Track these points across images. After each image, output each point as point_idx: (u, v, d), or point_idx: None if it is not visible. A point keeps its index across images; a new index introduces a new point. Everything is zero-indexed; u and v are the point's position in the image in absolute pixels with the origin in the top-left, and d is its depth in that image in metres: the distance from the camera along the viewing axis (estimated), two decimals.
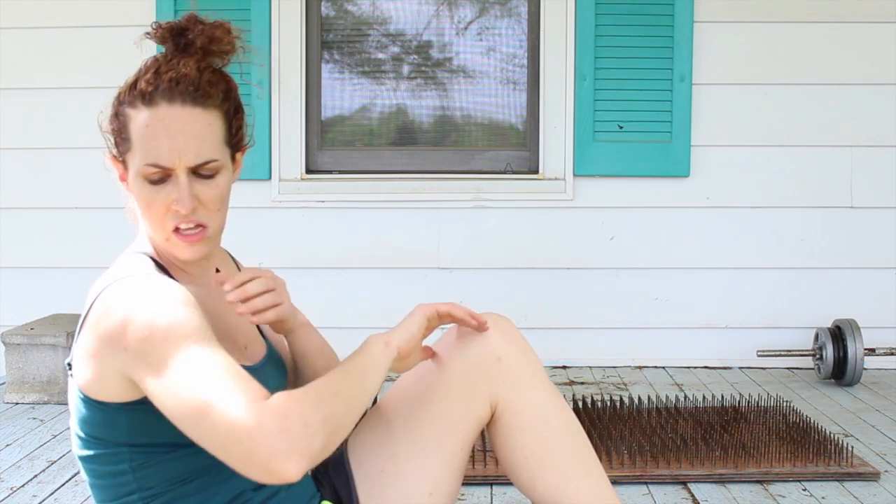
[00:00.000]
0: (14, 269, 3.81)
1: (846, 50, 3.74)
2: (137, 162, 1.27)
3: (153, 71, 1.27)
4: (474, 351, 1.43)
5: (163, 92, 1.25)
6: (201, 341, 1.13)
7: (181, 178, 1.25)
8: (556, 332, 3.80)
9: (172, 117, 1.24)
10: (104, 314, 1.18)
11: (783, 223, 3.78)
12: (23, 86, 3.77)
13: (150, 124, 1.25)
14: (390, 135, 3.96)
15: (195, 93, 1.26)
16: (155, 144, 1.24)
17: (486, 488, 2.35)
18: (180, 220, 1.27)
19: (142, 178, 1.27)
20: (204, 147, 1.26)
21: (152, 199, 1.27)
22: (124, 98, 1.29)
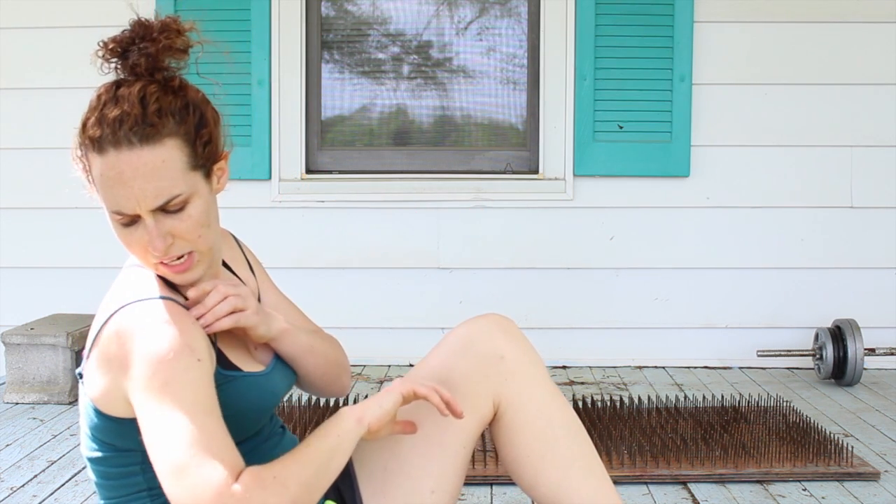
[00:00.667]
0: (14, 269, 3.81)
1: (846, 50, 3.74)
2: (105, 207, 1.26)
3: (98, 112, 1.21)
4: (478, 350, 1.44)
5: (108, 138, 1.19)
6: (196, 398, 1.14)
7: (147, 222, 1.22)
8: (556, 332, 3.80)
9: (123, 164, 1.19)
10: (114, 341, 1.19)
11: (783, 223, 3.78)
12: (23, 86, 3.77)
13: (104, 173, 1.21)
14: (390, 135, 3.96)
15: (142, 131, 1.19)
16: (113, 193, 1.21)
17: (486, 488, 2.35)
18: (161, 257, 1.24)
19: (113, 221, 1.26)
20: (162, 187, 1.20)
21: (129, 241, 1.26)
22: (83, 140, 1.25)
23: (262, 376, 1.35)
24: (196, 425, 1.11)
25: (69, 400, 3.22)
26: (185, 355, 1.16)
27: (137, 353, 1.16)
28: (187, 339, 1.17)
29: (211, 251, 1.28)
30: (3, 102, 3.77)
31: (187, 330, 1.19)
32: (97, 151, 1.21)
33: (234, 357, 1.33)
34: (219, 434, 1.13)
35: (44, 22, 3.75)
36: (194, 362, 1.17)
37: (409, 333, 3.80)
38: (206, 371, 1.18)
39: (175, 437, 1.11)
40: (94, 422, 1.27)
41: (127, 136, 1.19)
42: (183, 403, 1.12)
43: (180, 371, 1.14)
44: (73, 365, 3.25)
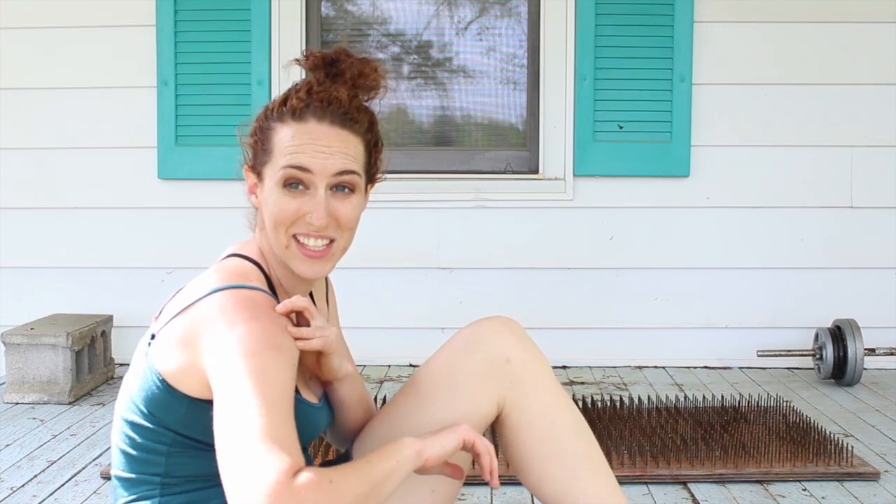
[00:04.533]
0: (14, 269, 3.81)
1: (846, 50, 3.74)
2: (277, 168, 1.29)
3: (305, 90, 1.31)
4: (484, 351, 1.44)
5: (314, 110, 1.29)
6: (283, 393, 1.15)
7: (320, 191, 1.29)
8: (556, 332, 3.80)
9: (320, 133, 1.28)
10: (211, 319, 1.20)
11: (783, 223, 3.78)
12: (23, 86, 3.77)
13: (297, 135, 1.28)
14: (390, 135, 3.96)
15: (344, 115, 1.30)
16: (299, 150, 1.28)
17: (486, 488, 2.35)
18: (309, 231, 1.30)
19: (280, 184, 1.29)
20: (348, 159, 1.30)
21: (285, 206, 1.29)
22: (272, 113, 1.32)
23: (315, 408, 1.37)
24: (273, 418, 1.11)
25: (69, 400, 3.22)
26: (285, 353, 1.18)
27: (241, 331, 1.16)
28: (290, 343, 1.22)
29: (339, 256, 1.37)
30: (3, 102, 3.77)
31: (285, 332, 1.22)
32: (296, 119, 1.29)
33: (299, 381, 1.34)
34: (290, 431, 1.13)
35: (44, 22, 3.75)
36: (289, 363, 1.19)
37: (409, 333, 3.80)
38: (294, 375, 1.20)
39: (252, 423, 1.10)
40: (149, 386, 1.27)
41: (332, 114, 1.30)
42: (269, 396, 1.12)
43: (279, 366, 1.16)
44: (73, 365, 3.24)
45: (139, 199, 3.78)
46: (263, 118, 1.34)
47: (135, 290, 3.71)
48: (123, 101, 3.76)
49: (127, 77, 3.76)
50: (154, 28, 3.71)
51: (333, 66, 1.34)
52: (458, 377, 1.43)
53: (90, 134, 3.77)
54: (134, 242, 3.77)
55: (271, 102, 1.35)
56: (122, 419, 1.32)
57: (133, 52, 3.74)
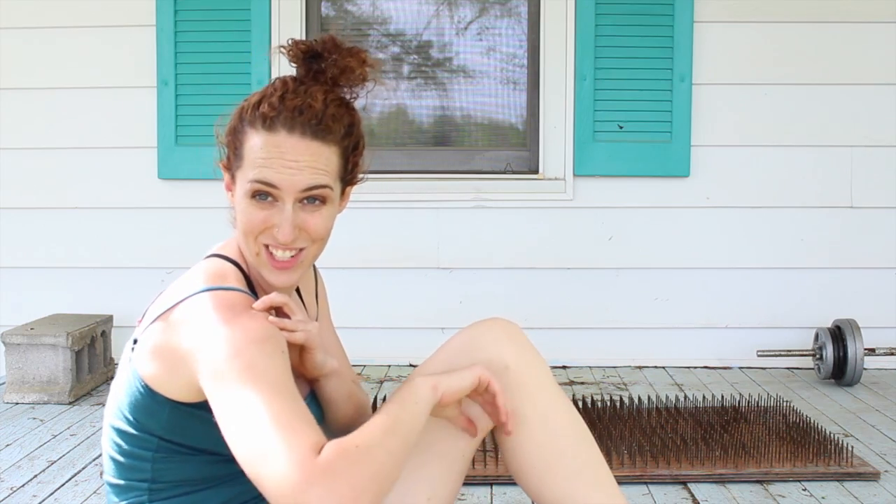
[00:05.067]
0: (14, 269, 3.81)
1: (846, 50, 3.74)
2: (245, 178, 1.26)
3: (279, 95, 1.26)
4: (482, 358, 1.40)
5: (284, 119, 1.24)
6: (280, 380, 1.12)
7: (287, 206, 1.25)
8: (556, 332, 3.80)
9: (288, 146, 1.24)
10: (191, 323, 1.18)
11: (783, 223, 3.78)
12: (23, 86, 3.77)
13: (265, 147, 1.24)
14: (390, 135, 3.96)
15: (317, 126, 1.25)
16: (267, 164, 1.24)
17: (486, 488, 2.35)
18: (277, 245, 1.27)
19: (248, 195, 1.26)
20: (318, 173, 1.26)
21: (253, 217, 1.26)
22: (246, 115, 1.28)
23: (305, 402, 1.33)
24: (278, 403, 1.09)
25: (69, 400, 3.22)
26: (273, 343, 1.16)
27: (223, 334, 1.14)
28: (273, 330, 1.18)
29: (309, 263, 1.33)
30: (3, 102, 3.77)
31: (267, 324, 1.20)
32: (266, 128, 1.25)
33: None
34: (299, 413, 1.10)
35: (44, 22, 3.75)
36: (279, 352, 1.16)
37: (409, 333, 3.80)
38: (287, 361, 1.17)
39: (255, 422, 1.08)
40: (132, 392, 1.26)
41: (302, 125, 1.24)
42: (266, 385, 1.10)
43: (266, 356, 1.13)
44: (73, 365, 3.25)
45: (139, 199, 3.78)
46: (238, 119, 1.30)
47: (135, 290, 3.70)
48: (123, 101, 3.76)
49: (127, 77, 3.76)
50: (154, 28, 3.71)
51: (315, 62, 1.29)
52: None
53: (90, 134, 3.77)
54: (134, 242, 3.77)
55: (247, 100, 1.30)
56: (110, 426, 1.31)
57: (133, 52, 3.74)
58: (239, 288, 1.24)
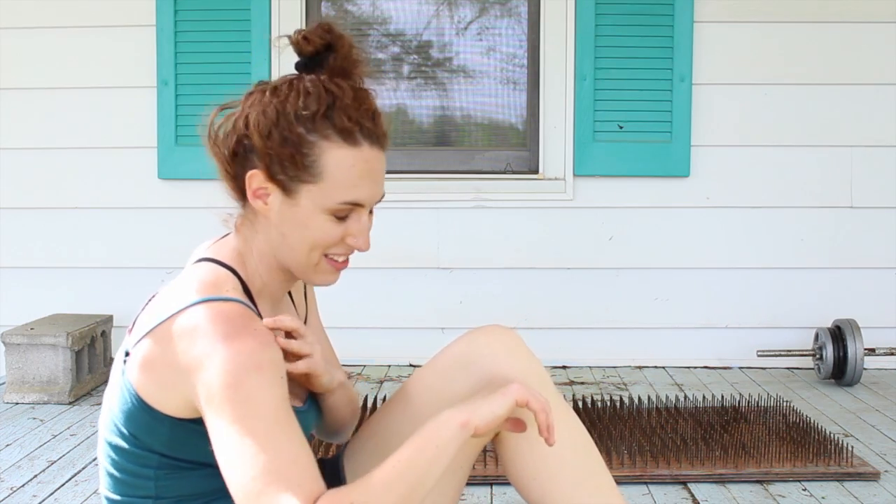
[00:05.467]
0: (14, 269, 3.81)
1: (846, 50, 3.74)
2: (328, 198, 1.21)
3: (352, 105, 1.22)
4: (480, 371, 1.37)
5: (366, 132, 1.23)
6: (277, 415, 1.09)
7: (364, 217, 1.25)
8: (556, 332, 3.80)
9: (374, 161, 1.23)
10: (187, 340, 1.13)
11: (783, 223, 3.78)
12: (23, 86, 3.77)
13: (356, 165, 1.22)
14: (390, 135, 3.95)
15: (382, 135, 1.26)
16: (359, 185, 1.22)
17: (486, 488, 2.35)
18: (345, 251, 1.27)
19: (329, 213, 1.22)
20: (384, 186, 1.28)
21: (333, 233, 1.24)
22: (308, 124, 1.20)
23: (300, 412, 1.29)
24: (274, 448, 1.06)
25: (69, 400, 3.22)
26: (271, 370, 1.10)
27: (220, 357, 1.09)
28: (274, 354, 1.13)
29: None
30: (3, 102, 3.77)
31: (273, 343, 1.14)
32: (348, 142, 1.21)
33: None
34: (297, 456, 1.07)
35: (44, 22, 3.75)
36: (278, 378, 1.11)
37: (409, 333, 3.80)
38: (284, 385, 1.13)
39: (251, 460, 1.05)
40: (128, 408, 1.20)
41: (379, 137, 1.25)
42: (261, 428, 1.07)
43: (265, 386, 1.09)
44: (73, 365, 3.25)
45: (139, 198, 3.78)
46: (290, 125, 1.20)
47: (135, 290, 3.69)
48: (123, 101, 3.76)
49: (127, 77, 3.76)
50: (154, 28, 3.71)
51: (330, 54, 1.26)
52: (451, 400, 1.35)
53: (90, 134, 3.77)
54: (134, 242, 3.77)
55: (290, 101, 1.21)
56: (106, 441, 1.26)
57: (133, 52, 3.74)
58: (236, 298, 1.18)
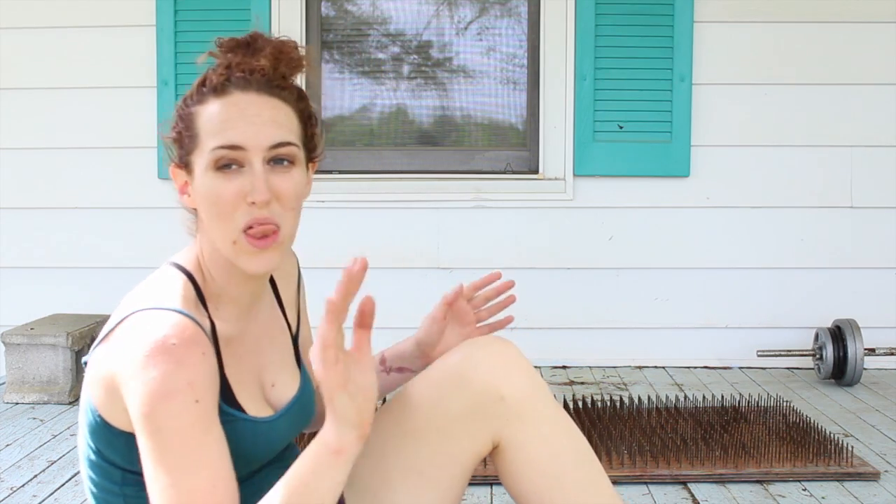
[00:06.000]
0: (14, 269, 3.81)
1: (846, 50, 3.74)
2: (206, 151, 1.15)
3: (224, 66, 1.18)
4: (474, 388, 1.33)
5: (236, 81, 1.16)
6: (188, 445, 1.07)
7: (256, 165, 1.14)
8: (556, 332, 3.80)
9: (247, 102, 1.16)
10: (119, 353, 1.11)
11: (783, 223, 3.78)
12: (23, 86, 3.77)
13: (222, 110, 1.15)
14: (390, 135, 3.96)
15: (270, 83, 1.18)
16: (227, 126, 1.15)
17: (486, 488, 2.35)
18: (254, 215, 1.15)
19: (212, 168, 1.15)
20: (282, 128, 1.17)
21: (222, 192, 1.15)
22: (191, 99, 1.19)
23: (263, 423, 1.24)
24: (183, 482, 1.05)
25: (69, 400, 3.22)
26: (182, 396, 1.07)
27: (138, 377, 1.08)
28: (190, 375, 1.08)
29: (288, 243, 1.21)
30: (3, 102, 3.77)
31: (193, 360, 1.09)
32: (217, 94, 1.16)
33: (243, 394, 1.24)
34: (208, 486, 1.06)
35: (44, 22, 3.75)
36: (190, 404, 1.07)
37: (409, 334, 3.78)
38: (204, 410, 1.09)
39: (160, 494, 1.06)
40: (90, 421, 1.20)
41: (258, 83, 1.17)
42: (172, 456, 1.06)
43: (173, 416, 1.06)
44: (73, 365, 3.25)
45: (139, 199, 3.78)
46: (183, 107, 1.20)
47: None
48: (123, 101, 3.76)
49: (127, 77, 3.75)
50: (154, 28, 3.72)
51: (250, 46, 1.21)
52: (447, 416, 1.34)
53: (90, 134, 3.77)
54: (134, 242, 3.77)
55: (188, 90, 1.22)
56: (82, 453, 1.25)
57: (133, 52, 3.74)
58: (177, 308, 1.14)
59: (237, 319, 1.26)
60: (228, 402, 1.20)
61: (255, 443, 1.23)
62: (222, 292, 1.24)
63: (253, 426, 1.23)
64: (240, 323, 1.26)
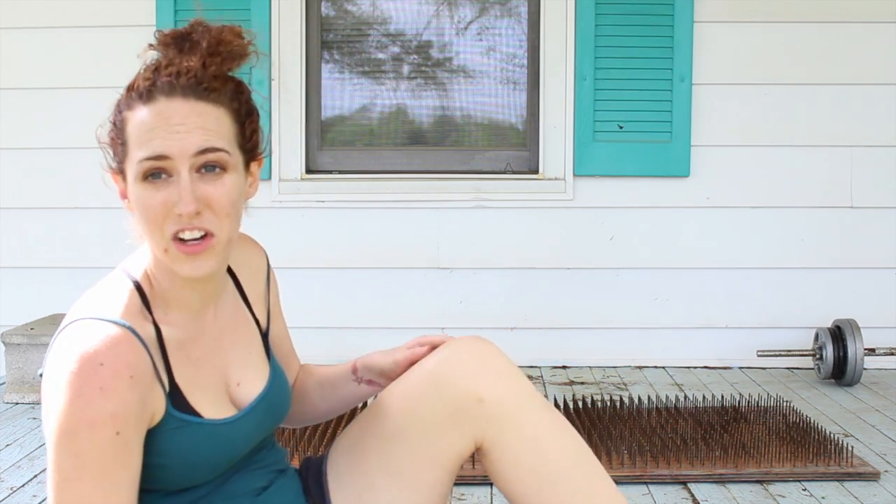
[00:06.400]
0: (14, 269, 3.81)
1: (846, 50, 3.74)
2: (134, 161, 1.14)
3: (152, 69, 1.16)
4: (451, 391, 1.31)
5: (162, 86, 1.13)
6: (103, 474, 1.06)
7: (183, 175, 1.12)
8: (556, 332, 3.80)
9: (172, 111, 1.13)
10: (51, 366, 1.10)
11: (783, 223, 3.78)
12: (23, 86, 3.77)
13: (147, 119, 1.13)
14: (390, 135, 3.96)
15: (198, 86, 1.14)
16: (153, 136, 1.12)
17: (486, 488, 2.35)
18: (182, 224, 1.13)
19: (139, 178, 1.14)
20: (210, 134, 1.14)
21: (150, 202, 1.13)
22: (122, 103, 1.18)
23: (223, 425, 1.21)
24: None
25: None
26: (103, 428, 1.05)
27: (62, 394, 1.06)
28: (113, 405, 1.05)
29: (226, 247, 1.18)
30: (4, 102, 3.77)
31: (119, 386, 1.06)
32: (144, 101, 1.14)
33: (199, 397, 1.20)
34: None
35: (44, 22, 3.75)
36: (110, 437, 1.05)
37: (409, 333, 3.76)
38: (123, 443, 1.07)
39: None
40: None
41: (183, 88, 1.14)
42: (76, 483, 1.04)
43: (91, 447, 1.05)
44: None
45: None
46: (116, 111, 1.19)
47: None
48: None
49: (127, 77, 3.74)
50: (154, 28, 3.71)
51: (186, 40, 1.18)
52: (427, 419, 1.31)
53: (90, 134, 3.75)
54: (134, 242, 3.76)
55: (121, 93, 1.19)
56: None
57: (133, 52, 3.73)
58: (118, 320, 1.13)
59: (190, 322, 1.24)
60: (180, 408, 1.17)
61: (214, 446, 1.20)
62: (170, 296, 1.22)
63: (211, 429, 1.19)
64: (193, 325, 1.24)
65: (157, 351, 1.16)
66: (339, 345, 3.75)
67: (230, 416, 1.23)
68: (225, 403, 1.25)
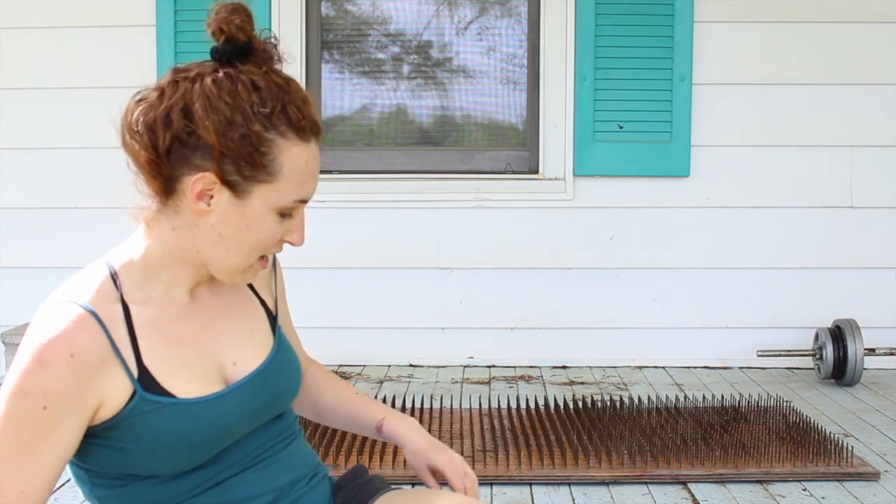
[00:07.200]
0: (14, 269, 3.81)
1: (846, 50, 3.74)
2: (282, 196, 1.17)
3: (300, 100, 1.19)
4: None
5: (312, 128, 1.19)
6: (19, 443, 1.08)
7: (303, 212, 1.23)
8: (556, 332, 3.80)
9: (316, 157, 1.21)
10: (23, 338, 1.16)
11: (783, 223, 3.78)
12: (23, 86, 3.77)
13: (309, 162, 1.19)
14: (390, 135, 3.96)
15: (321, 129, 1.23)
16: (306, 179, 1.19)
17: (486, 488, 2.35)
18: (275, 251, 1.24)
19: (278, 212, 1.18)
20: None
21: (273, 231, 1.19)
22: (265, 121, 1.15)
23: (201, 402, 1.18)
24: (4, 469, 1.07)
25: None
26: (32, 399, 1.08)
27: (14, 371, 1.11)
28: (46, 380, 1.09)
29: None
30: (4, 102, 3.77)
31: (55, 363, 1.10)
32: (302, 139, 1.18)
33: (177, 377, 1.18)
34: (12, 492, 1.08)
35: (44, 22, 3.75)
36: (36, 408, 1.08)
37: (409, 333, 3.80)
38: (49, 418, 1.09)
39: None
40: None
41: (320, 131, 1.22)
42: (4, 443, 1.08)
43: (18, 414, 1.09)
44: None
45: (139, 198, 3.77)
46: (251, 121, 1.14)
47: None
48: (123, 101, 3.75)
49: (127, 77, 3.75)
50: (154, 28, 3.72)
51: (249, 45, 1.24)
52: None
53: (90, 134, 3.76)
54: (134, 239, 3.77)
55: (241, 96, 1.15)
56: None
57: (133, 52, 3.74)
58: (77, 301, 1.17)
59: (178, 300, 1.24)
60: (151, 390, 1.16)
61: (193, 425, 1.17)
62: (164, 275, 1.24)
63: (186, 408, 1.17)
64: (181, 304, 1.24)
65: (122, 333, 1.17)
66: (339, 345, 3.75)
67: (210, 394, 1.20)
68: (213, 383, 1.22)
